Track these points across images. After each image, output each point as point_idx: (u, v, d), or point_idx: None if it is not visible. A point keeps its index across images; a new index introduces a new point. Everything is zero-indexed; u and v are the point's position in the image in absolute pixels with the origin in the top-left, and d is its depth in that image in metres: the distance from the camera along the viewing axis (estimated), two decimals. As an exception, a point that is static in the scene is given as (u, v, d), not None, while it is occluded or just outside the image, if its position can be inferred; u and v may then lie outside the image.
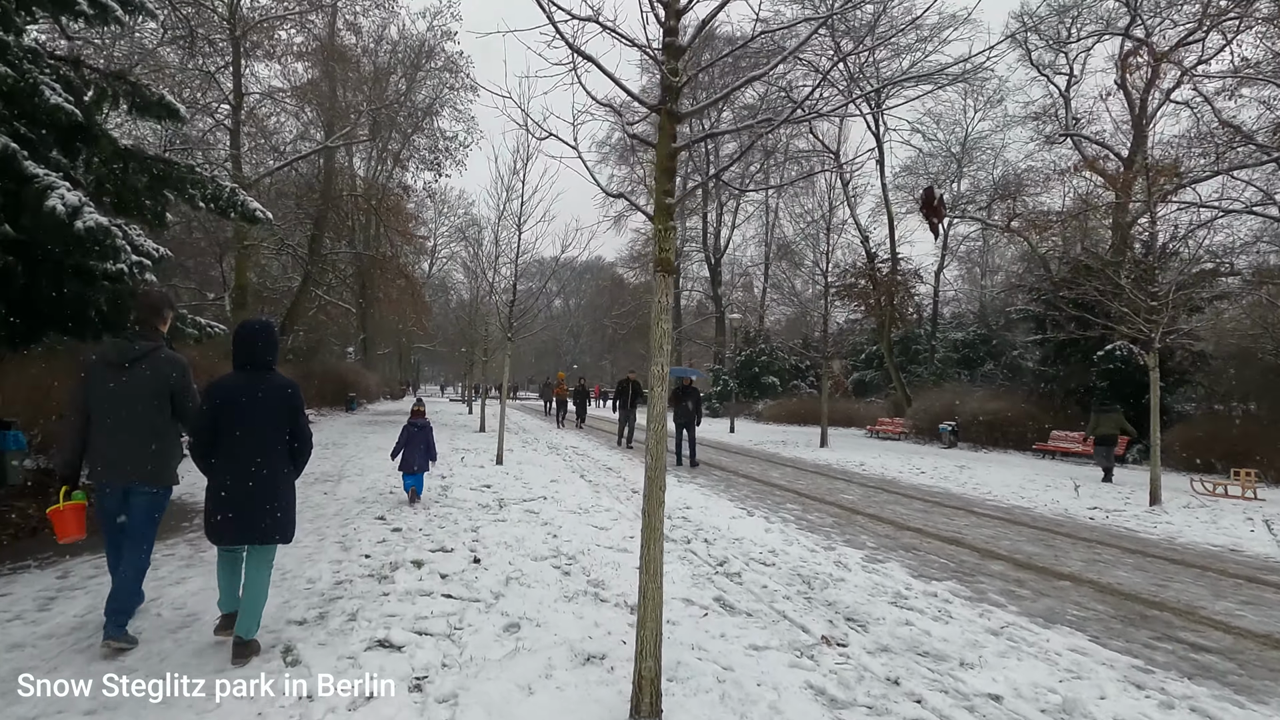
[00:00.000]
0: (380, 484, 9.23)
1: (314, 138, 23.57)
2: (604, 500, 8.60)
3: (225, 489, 3.43)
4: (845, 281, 23.70)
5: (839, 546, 6.58)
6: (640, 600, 3.14)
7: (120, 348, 3.65)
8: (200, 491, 4.11)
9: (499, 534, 6.47)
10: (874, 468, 13.94)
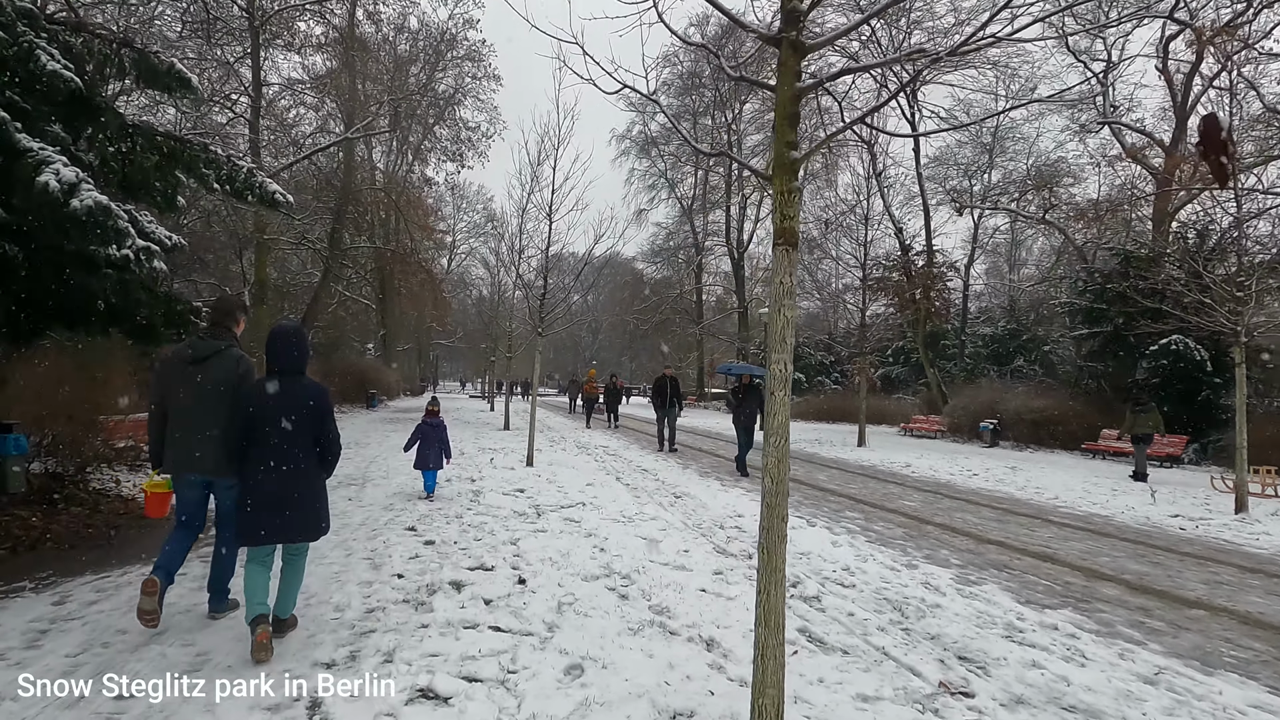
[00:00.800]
0: (407, 487, 8.67)
1: (333, 130, 23.10)
2: (648, 507, 7.98)
3: (259, 491, 3.50)
4: (879, 274, 22.87)
5: (921, 563, 5.91)
6: (757, 658, 2.51)
7: (194, 345, 3.84)
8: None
9: (541, 547, 5.86)
10: (921, 469, 13.21)
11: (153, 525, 6.23)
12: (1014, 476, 12.36)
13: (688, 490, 9.43)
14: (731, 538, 6.62)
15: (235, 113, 20.57)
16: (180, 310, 6.10)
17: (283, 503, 3.51)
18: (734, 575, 5.30)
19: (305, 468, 3.59)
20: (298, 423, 3.56)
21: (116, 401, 9.80)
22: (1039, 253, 43.23)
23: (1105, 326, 19.99)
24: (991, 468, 13.65)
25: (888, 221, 27.04)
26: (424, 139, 24.91)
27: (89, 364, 8.66)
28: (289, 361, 3.62)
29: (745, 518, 7.59)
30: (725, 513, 7.87)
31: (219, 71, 20.39)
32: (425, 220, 29.02)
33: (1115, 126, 27.75)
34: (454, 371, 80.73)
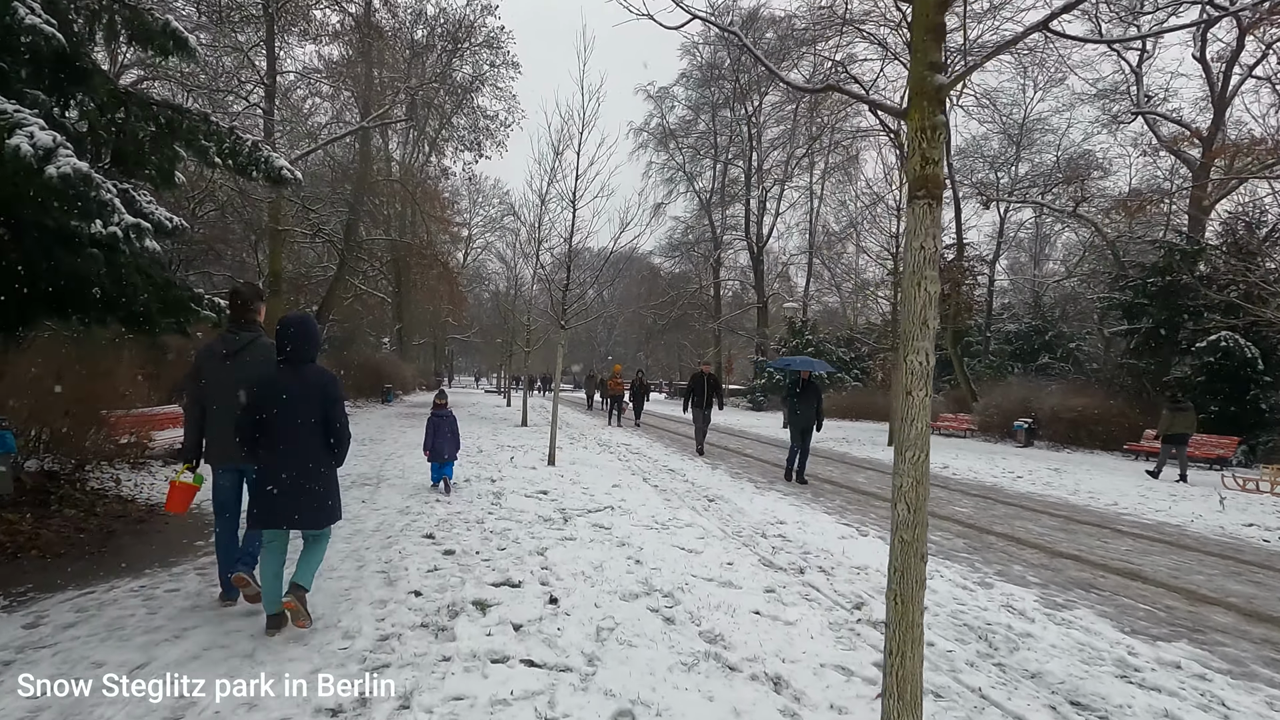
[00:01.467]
0: (424, 488, 8.16)
1: (349, 120, 22.66)
2: (681, 513, 7.42)
3: (271, 477, 3.53)
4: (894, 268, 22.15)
5: (995, 581, 5.31)
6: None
7: (226, 339, 3.94)
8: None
9: (571, 558, 5.32)
10: (961, 470, 12.56)
11: (148, 531, 5.76)
12: (1061, 479, 11.69)
13: (720, 493, 8.86)
14: (776, 548, 6.05)
15: (250, 101, 20.17)
16: (179, 297, 5.58)
17: (293, 489, 3.53)
18: (788, 594, 4.73)
19: (315, 455, 3.62)
20: (307, 410, 3.58)
21: (121, 394, 9.39)
22: (1064, 247, 42.19)
23: (1145, 322, 19.21)
24: (1034, 469, 12.96)
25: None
26: (441, 129, 24.39)
27: (90, 355, 8.24)
28: (298, 350, 3.61)
29: (787, 525, 7.01)
30: (764, 519, 7.29)
31: (233, 58, 20.02)
32: (442, 213, 28.55)
33: (1150, 117, 26.84)
34: (469, 366, 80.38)
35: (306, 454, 3.57)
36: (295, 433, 3.55)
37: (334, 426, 3.67)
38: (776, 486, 9.66)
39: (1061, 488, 10.71)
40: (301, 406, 3.55)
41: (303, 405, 3.56)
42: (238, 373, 3.82)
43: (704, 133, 46.49)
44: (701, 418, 13.67)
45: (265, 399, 3.53)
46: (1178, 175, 27.22)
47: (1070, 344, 29.00)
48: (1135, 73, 27.17)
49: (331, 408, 3.65)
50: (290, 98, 23.43)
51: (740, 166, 44.86)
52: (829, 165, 43.34)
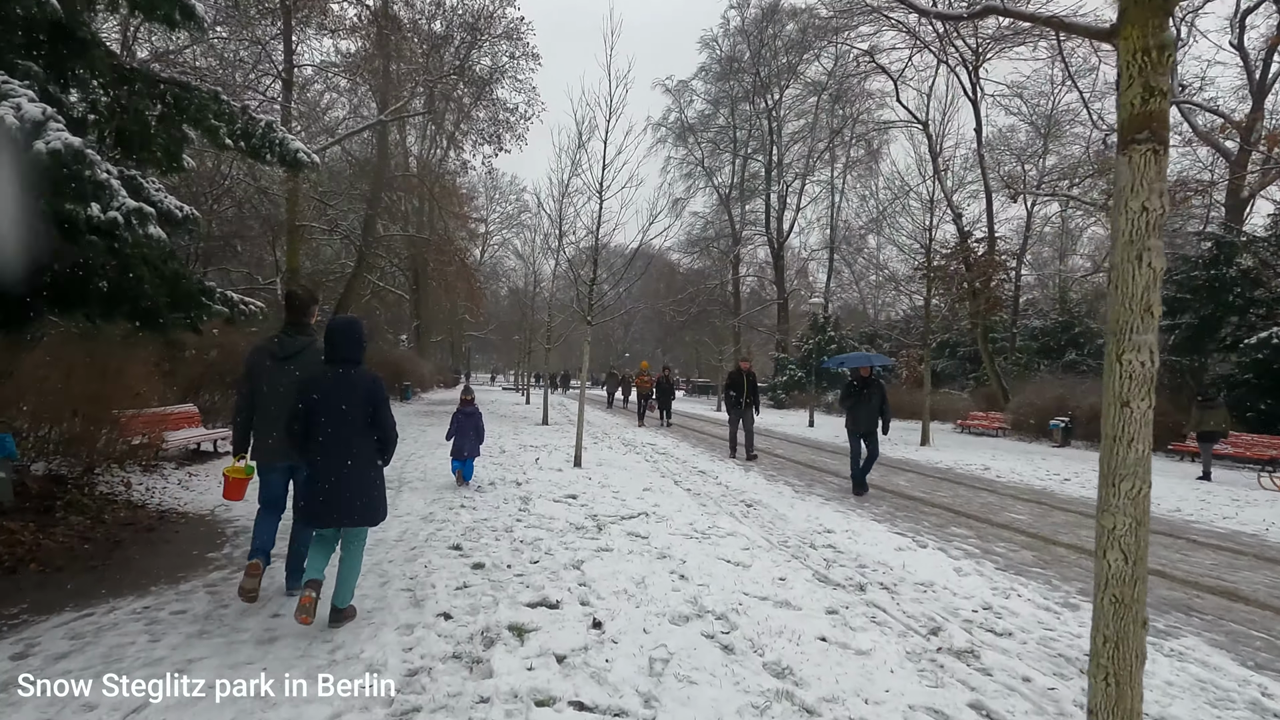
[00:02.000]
0: (448, 493, 7.76)
1: (366, 114, 22.35)
2: (720, 520, 6.97)
3: (319, 476, 3.61)
4: (934, 263, 21.53)
5: (1080, 602, 4.81)
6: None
7: (281, 343, 4.03)
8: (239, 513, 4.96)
9: (611, 573, 4.89)
10: (1003, 472, 12.00)
11: (157, 541, 5.39)
12: (1111, 482, 11.10)
13: (758, 497, 8.40)
14: (829, 561, 5.58)
15: (266, 97, 19.88)
16: (189, 290, 5.20)
17: (340, 488, 3.61)
18: (854, 616, 4.27)
19: (361, 455, 3.69)
20: (354, 411, 3.66)
21: (135, 393, 9.07)
22: (1088, 242, 41.23)
23: (1187, 318, 18.48)
24: (1079, 471, 12.37)
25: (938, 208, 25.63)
26: (460, 124, 24.01)
27: (102, 353, 7.91)
28: (346, 352, 3.71)
29: (836, 534, 6.54)
30: (809, 527, 6.83)
31: (250, 51, 19.76)
32: (460, 209, 28.22)
33: (1185, 107, 25.99)
34: (486, 364, 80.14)
35: (354, 454, 3.66)
36: (343, 433, 3.64)
37: (381, 427, 3.77)
38: (816, 490, 9.18)
39: (1114, 491, 10.14)
40: (349, 408, 3.64)
41: (350, 406, 3.65)
42: (291, 376, 3.93)
43: (723, 127, 45.87)
44: (741, 418, 12.59)
45: (313, 400, 3.63)
46: (1217, 166, 26.41)
47: (1098, 340, 28.29)
48: (1171, 61, 26.31)
49: (377, 409, 3.74)
50: (307, 93, 23.20)
51: (760, 161, 44.20)
52: (850, 159, 42.71)
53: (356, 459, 3.66)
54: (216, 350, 12.08)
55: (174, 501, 6.85)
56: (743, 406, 12.51)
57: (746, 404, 12.49)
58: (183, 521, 6.11)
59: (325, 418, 3.62)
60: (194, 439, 9.71)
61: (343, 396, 3.64)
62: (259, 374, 4.00)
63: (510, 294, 51.67)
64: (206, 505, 6.78)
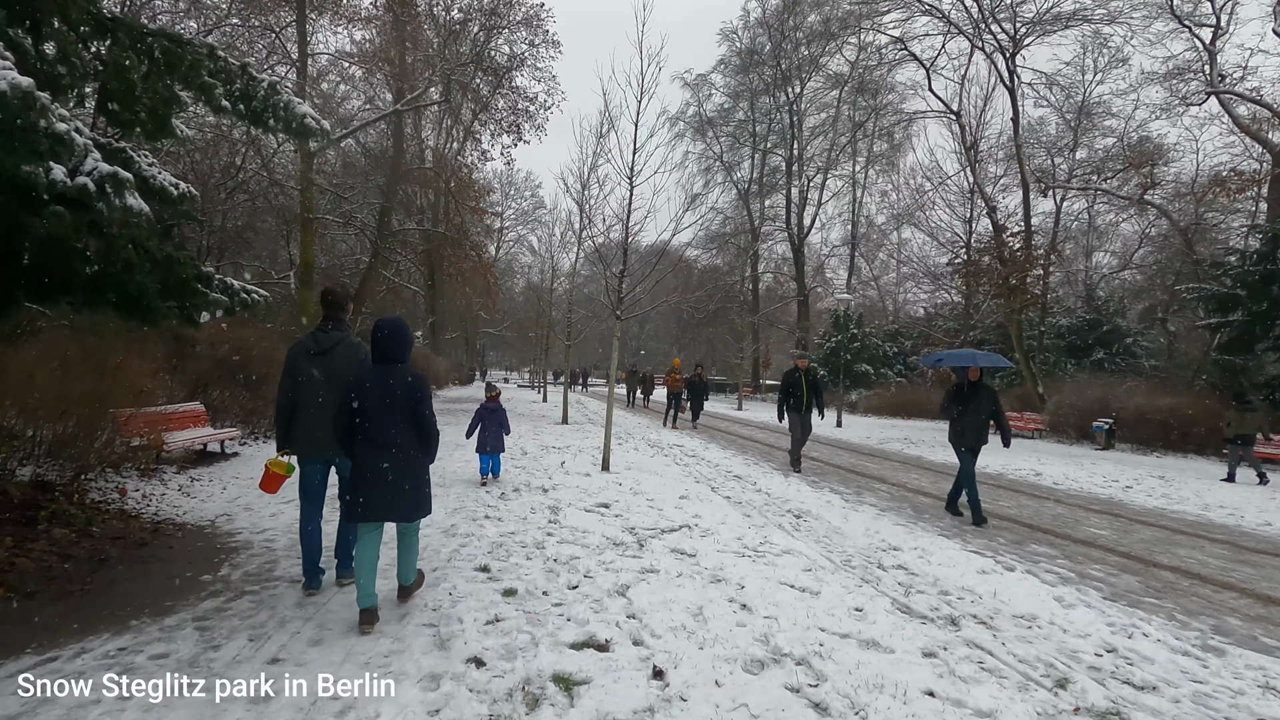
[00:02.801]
0: (469, 499, 7.13)
1: (381, 105, 21.80)
2: (771, 534, 6.30)
3: (366, 472, 3.69)
4: (964, 259, 20.73)
5: (1223, 645, 4.08)
6: None
7: (316, 338, 4.15)
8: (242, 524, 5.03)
9: (661, 601, 4.24)
10: (1057, 477, 11.24)
11: (147, 559, 4.77)
12: (1176, 490, 10.33)
13: (806, 507, 7.72)
14: (906, 586, 4.90)
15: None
16: (183, 277, 4.58)
17: (386, 484, 3.68)
18: (958, 661, 3.59)
19: (407, 451, 3.75)
20: (399, 408, 3.73)
21: (138, 390, 8.51)
22: (1115, 238, 40.06)
23: (1239, 314, 17.58)
24: (1138, 478, 11.57)
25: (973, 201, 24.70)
26: (476, 116, 23.38)
27: (101, 349, 7.34)
28: (393, 351, 3.81)
29: (903, 552, 5.85)
30: (871, 543, 6.14)
31: (266, 40, 19.25)
32: (477, 203, 27.60)
33: (1225, 97, 24.98)
34: (500, 361, 79.64)
35: (401, 450, 3.72)
36: (390, 430, 3.71)
37: (422, 424, 3.81)
38: (866, 500, 8.47)
39: (1184, 501, 9.37)
40: (395, 405, 3.71)
41: (396, 404, 3.72)
42: (327, 371, 4.08)
43: (742, 121, 45.08)
44: (800, 425, 10.89)
45: (361, 398, 3.70)
46: (1262, 158, 25.44)
47: (1127, 339, 27.43)
48: (1208, 50, 25.35)
49: (418, 406, 3.79)
50: (321, 84, 22.68)
51: (781, 155, 43.38)
52: (873, 154, 41.81)
53: (405, 455, 3.74)
54: (229, 345, 11.54)
55: (172, 510, 6.25)
56: (802, 411, 10.82)
57: (807, 408, 10.83)
58: (179, 535, 5.51)
59: (374, 416, 3.70)
60: (200, 439, 9.14)
61: (390, 394, 3.72)
62: (297, 369, 4.10)
63: (525, 290, 51.23)
64: (207, 514, 6.18)
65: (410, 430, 3.77)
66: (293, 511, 6.32)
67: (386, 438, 3.69)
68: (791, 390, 10.89)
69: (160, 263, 4.50)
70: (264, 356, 11.82)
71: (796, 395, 10.80)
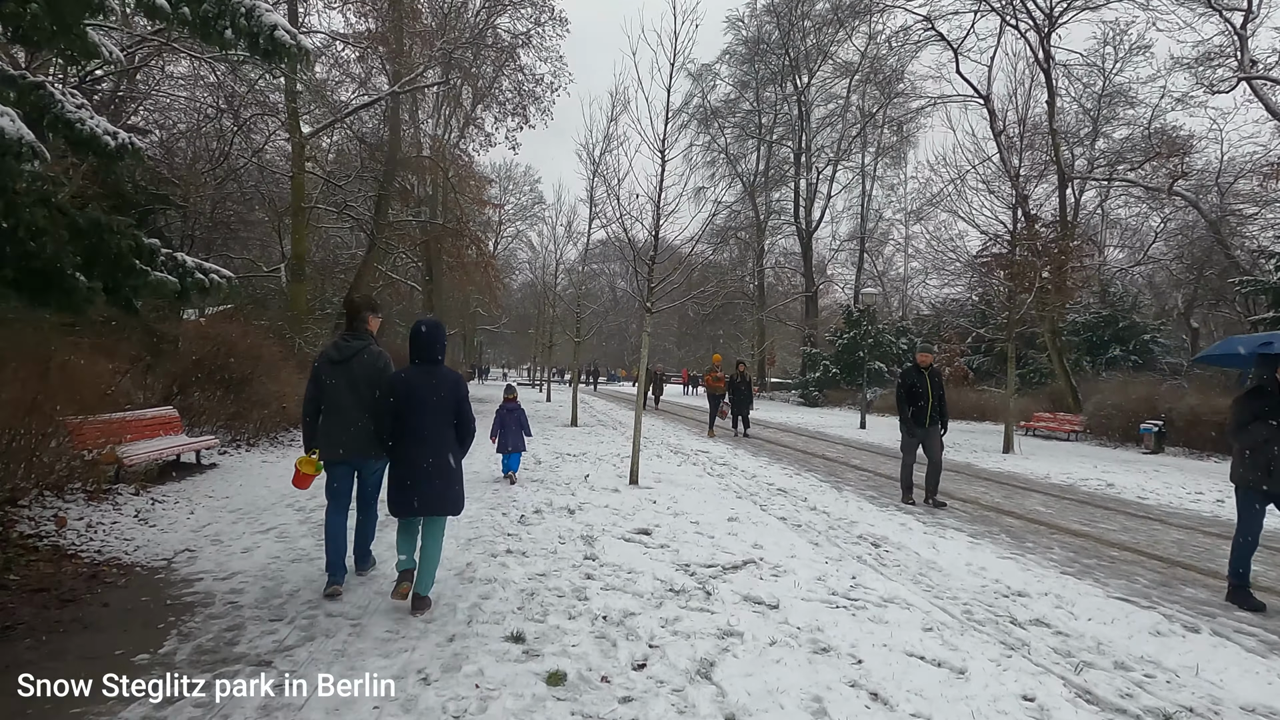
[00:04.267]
0: (486, 525, 5.98)
1: (377, 88, 20.55)
2: (852, 567, 5.17)
3: (408, 469, 3.88)
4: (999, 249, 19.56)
5: None
6: None
7: (339, 347, 4.28)
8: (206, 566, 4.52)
9: (762, 689, 3.12)
10: (1133, 489, 10.07)
11: (68, 622, 3.56)
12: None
13: (877, 530, 6.56)
14: (1066, 655, 3.74)
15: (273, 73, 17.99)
16: (114, 250, 3.38)
17: (429, 479, 3.85)
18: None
19: (446, 447, 3.94)
20: (439, 407, 3.90)
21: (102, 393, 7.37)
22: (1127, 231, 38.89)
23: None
24: (1203, 487, 10.37)
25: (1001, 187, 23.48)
26: (480, 99, 22.13)
27: (37, 341, 6.18)
28: (431, 352, 3.98)
29: (1031, 598, 4.70)
30: (983, 584, 4.99)
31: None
32: (479, 194, 26.38)
33: (1258, 84, 23.87)
34: (498, 358, 78.21)
35: (440, 447, 3.89)
36: (430, 428, 3.88)
37: (463, 420, 4.02)
38: (944, 520, 7.31)
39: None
40: (436, 404, 3.89)
41: (437, 403, 3.89)
42: (346, 379, 4.16)
43: (749, 112, 43.76)
44: (928, 444, 8.06)
45: (406, 397, 3.87)
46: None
47: (1144, 335, 26.43)
48: (1239, 35, 24.25)
49: (460, 404, 3.99)
50: (313, 68, 21.39)
51: (790, 146, 42.16)
52: (882, 145, 40.63)
53: (441, 451, 3.89)
54: (208, 342, 10.34)
55: (121, 545, 5.07)
56: (926, 423, 7.99)
57: (932, 419, 8.01)
58: (123, 581, 4.33)
59: (414, 413, 3.86)
60: (172, 450, 7.97)
61: (431, 394, 3.87)
62: (321, 376, 4.20)
63: (524, 286, 49.99)
64: (165, 549, 5.00)
65: (449, 428, 3.95)
66: (270, 547, 5.19)
67: (429, 435, 3.86)
68: (915, 396, 8.06)
69: (85, 230, 3.33)
70: (249, 354, 10.62)
71: (921, 404, 8.00)
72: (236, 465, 8.89)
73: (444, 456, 3.88)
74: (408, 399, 3.85)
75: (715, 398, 16.62)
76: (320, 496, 4.53)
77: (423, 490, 3.83)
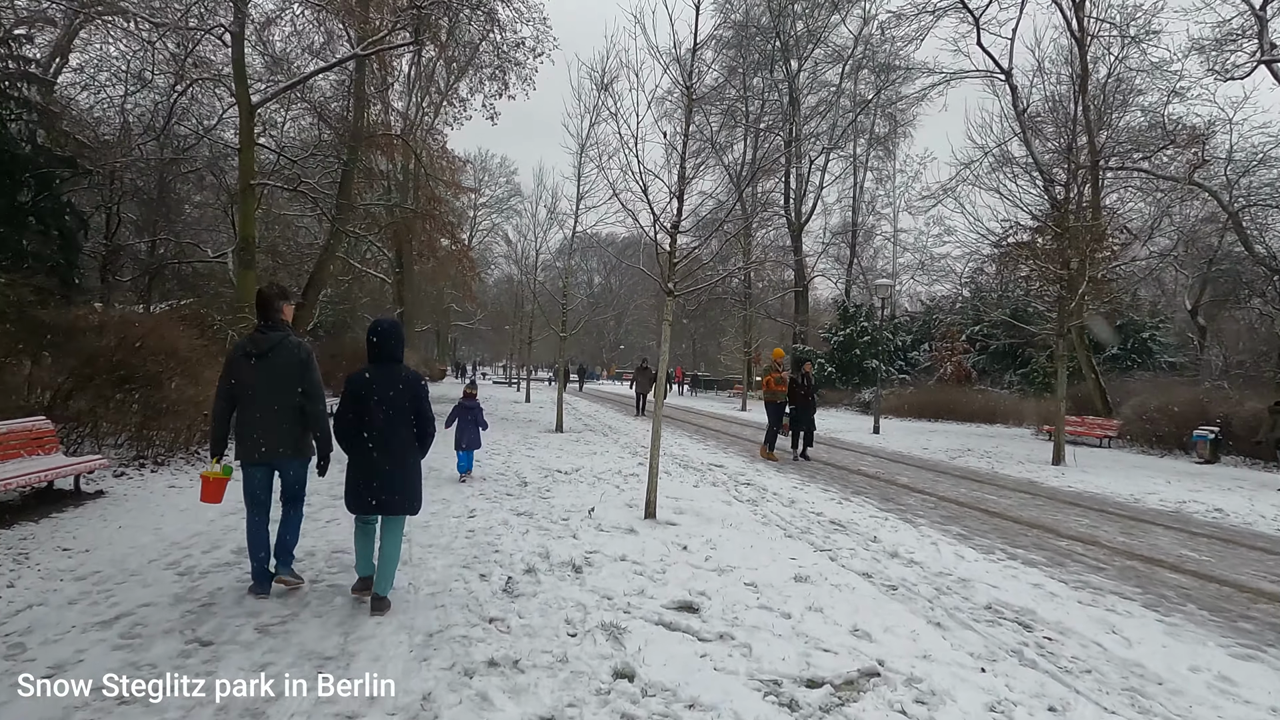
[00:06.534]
0: (453, 595, 4.00)
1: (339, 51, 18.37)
2: (1012, 670, 3.27)
3: (365, 467, 3.85)
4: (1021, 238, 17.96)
5: None
6: None
7: (254, 340, 4.05)
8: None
9: None
10: (1240, 514, 8.37)
11: None
12: None
13: (1005, 598, 4.68)
14: None
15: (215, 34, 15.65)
16: None
17: (385, 478, 3.82)
18: None
19: (404, 447, 3.92)
20: (397, 406, 3.87)
21: None
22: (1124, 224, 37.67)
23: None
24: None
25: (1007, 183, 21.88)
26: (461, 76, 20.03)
27: None
28: (389, 351, 3.93)
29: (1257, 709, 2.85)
30: (1187, 684, 3.13)
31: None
32: (454, 177, 24.22)
33: (1279, 67, 22.56)
34: (472, 355, 75.67)
35: (398, 446, 3.87)
36: (389, 426, 3.83)
37: (422, 419, 3.99)
38: (1099, 583, 5.44)
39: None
40: (394, 403, 3.85)
41: (395, 402, 3.85)
42: (266, 373, 3.94)
43: (735, 99, 41.88)
44: None
45: (365, 397, 3.82)
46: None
47: (1142, 334, 25.24)
48: (1258, 16, 22.86)
49: (419, 403, 3.95)
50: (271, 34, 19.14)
51: (781, 134, 40.39)
52: (875, 135, 39.14)
53: (400, 451, 3.87)
54: (106, 334, 8.19)
55: None
56: None
57: None
58: None
59: (373, 412, 3.80)
60: (41, 475, 5.94)
61: (390, 393, 3.84)
62: (236, 373, 3.98)
63: (501, 282, 47.84)
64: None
65: (408, 428, 3.92)
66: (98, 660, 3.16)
67: (388, 435, 3.82)
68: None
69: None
70: (162, 350, 8.48)
71: None
72: (132, 493, 6.80)
73: (402, 456, 3.88)
74: (368, 399, 3.82)
75: (776, 407, 12.03)
76: (224, 554, 4.28)
77: (381, 490, 3.81)
